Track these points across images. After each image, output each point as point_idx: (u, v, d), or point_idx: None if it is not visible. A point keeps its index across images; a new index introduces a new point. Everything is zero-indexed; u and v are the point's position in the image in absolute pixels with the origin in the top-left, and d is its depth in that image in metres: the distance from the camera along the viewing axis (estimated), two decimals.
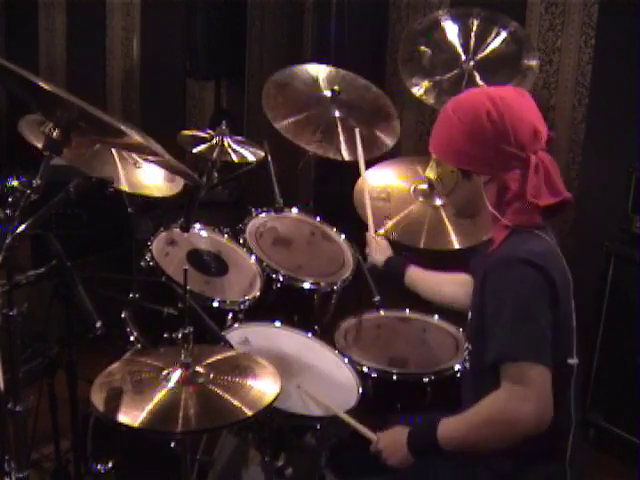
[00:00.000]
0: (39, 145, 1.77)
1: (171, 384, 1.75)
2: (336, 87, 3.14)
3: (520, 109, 1.93)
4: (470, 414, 1.89)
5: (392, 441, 2.01)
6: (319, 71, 3.23)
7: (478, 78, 3.27)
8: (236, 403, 1.71)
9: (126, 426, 1.63)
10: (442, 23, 3.35)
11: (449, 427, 1.90)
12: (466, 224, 2.74)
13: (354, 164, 2.99)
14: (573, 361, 1.91)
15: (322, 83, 3.20)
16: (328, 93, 3.16)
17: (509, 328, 1.81)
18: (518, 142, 1.90)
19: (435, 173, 2.06)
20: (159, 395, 1.71)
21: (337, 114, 3.14)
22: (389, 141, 3.17)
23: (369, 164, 3.02)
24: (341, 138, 3.12)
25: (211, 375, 1.79)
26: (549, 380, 1.79)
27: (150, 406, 1.68)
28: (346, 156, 3.10)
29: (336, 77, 3.22)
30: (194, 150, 2.94)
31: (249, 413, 1.69)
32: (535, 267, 1.83)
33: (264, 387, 1.79)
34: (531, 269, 1.82)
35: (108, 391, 1.73)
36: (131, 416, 1.65)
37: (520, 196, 1.91)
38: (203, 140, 3.01)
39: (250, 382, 1.79)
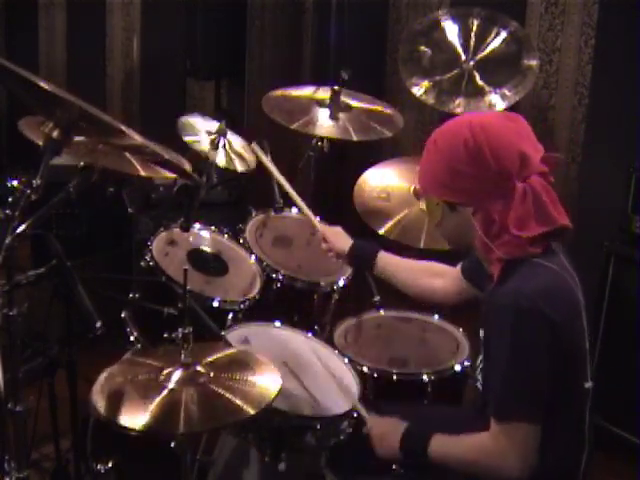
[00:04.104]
0: (40, 142, 1.76)
1: (171, 385, 1.75)
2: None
3: (504, 135, 1.81)
4: (461, 447, 1.91)
5: (385, 434, 2.03)
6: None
7: (478, 78, 3.27)
8: (237, 402, 1.71)
9: (129, 429, 1.65)
10: (442, 23, 3.35)
11: (441, 449, 1.92)
12: None
13: (353, 164, 2.98)
14: (588, 385, 1.87)
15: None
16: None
17: (502, 388, 1.81)
18: (501, 170, 1.78)
19: (425, 205, 2.01)
20: (160, 397, 1.72)
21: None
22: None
23: (371, 164, 3.02)
24: None
25: (211, 374, 1.78)
26: (537, 436, 1.79)
27: (152, 407, 1.69)
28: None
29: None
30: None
31: (251, 411, 1.69)
32: (532, 314, 1.74)
33: (265, 384, 1.79)
34: (528, 318, 1.75)
35: (109, 394, 1.74)
36: (133, 419, 1.66)
37: (506, 228, 1.80)
38: None
39: (251, 379, 1.80)
